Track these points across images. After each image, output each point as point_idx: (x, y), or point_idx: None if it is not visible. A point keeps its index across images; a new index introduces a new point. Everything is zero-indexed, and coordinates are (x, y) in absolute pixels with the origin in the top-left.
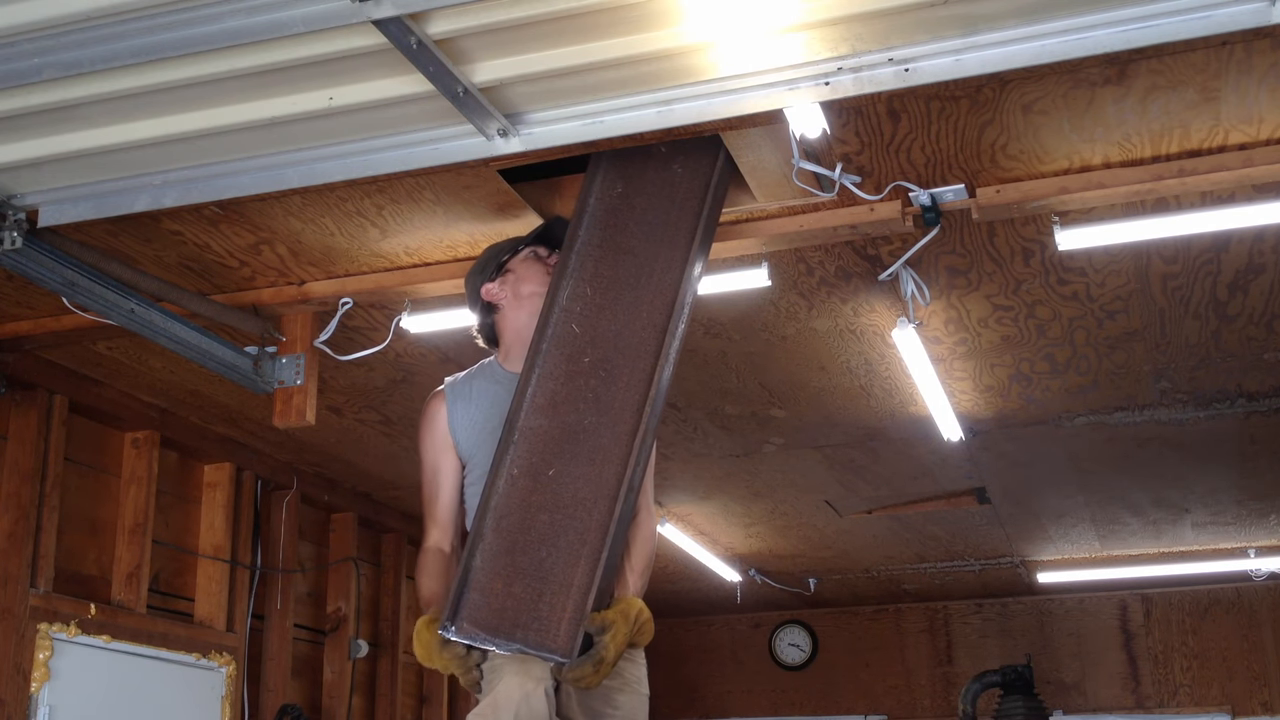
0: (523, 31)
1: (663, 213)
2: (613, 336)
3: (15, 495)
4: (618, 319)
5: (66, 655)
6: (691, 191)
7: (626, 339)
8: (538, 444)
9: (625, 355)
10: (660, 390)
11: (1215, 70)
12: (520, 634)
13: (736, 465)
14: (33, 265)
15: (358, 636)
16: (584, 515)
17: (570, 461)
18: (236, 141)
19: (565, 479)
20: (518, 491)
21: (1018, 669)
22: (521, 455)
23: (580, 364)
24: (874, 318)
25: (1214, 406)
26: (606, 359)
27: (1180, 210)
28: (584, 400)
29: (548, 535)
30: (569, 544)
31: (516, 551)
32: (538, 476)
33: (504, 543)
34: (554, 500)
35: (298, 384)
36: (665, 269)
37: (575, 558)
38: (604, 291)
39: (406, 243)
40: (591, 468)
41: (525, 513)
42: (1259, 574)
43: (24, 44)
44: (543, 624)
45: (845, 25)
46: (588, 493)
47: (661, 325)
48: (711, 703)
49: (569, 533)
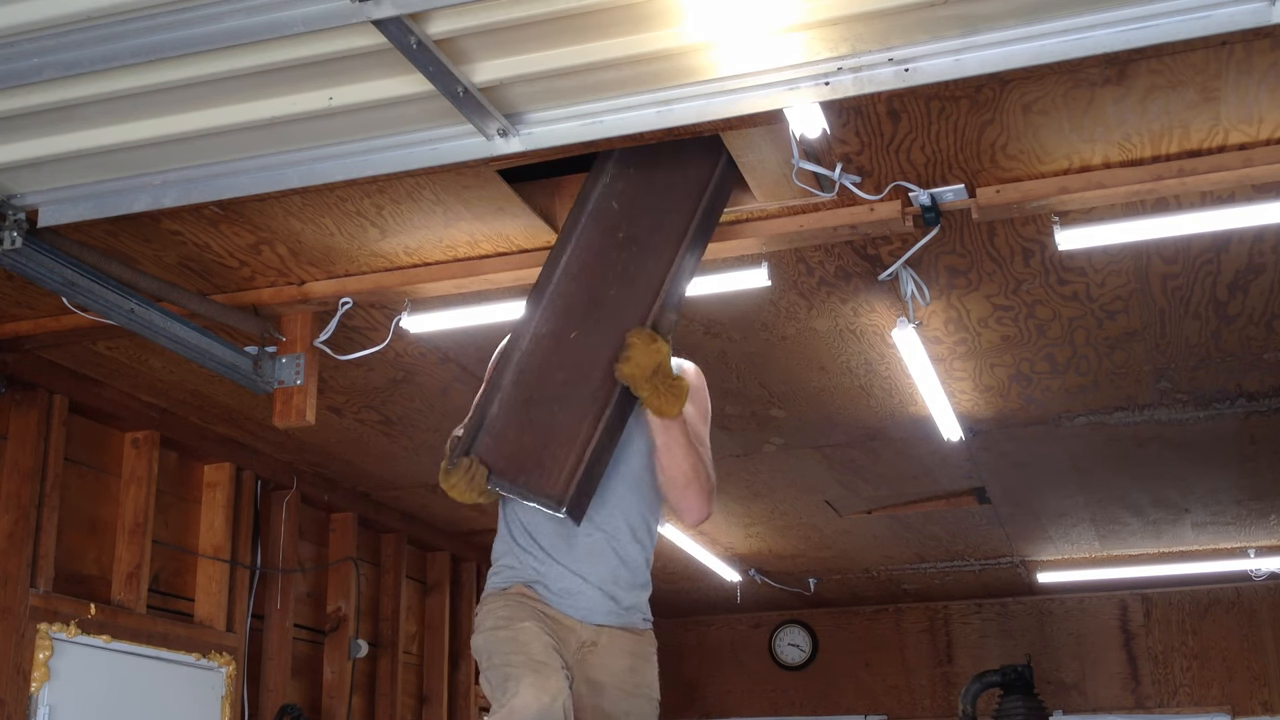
0: (523, 31)
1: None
2: (647, 213)
3: (15, 495)
4: (654, 195)
5: (66, 655)
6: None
7: (660, 217)
8: (565, 308)
9: (656, 234)
10: (681, 269)
11: (1215, 70)
12: (524, 479)
13: (736, 465)
14: (33, 265)
15: (358, 636)
16: (598, 377)
17: (593, 327)
18: (236, 141)
19: (585, 343)
20: (540, 350)
21: (1018, 669)
22: (549, 316)
23: (615, 238)
24: (874, 318)
25: (1214, 406)
26: (638, 236)
27: (1180, 210)
28: (613, 271)
29: (561, 393)
30: (579, 402)
31: (532, 405)
32: (560, 338)
33: (521, 395)
34: (573, 361)
35: (298, 384)
36: (695, 180)
37: (583, 415)
38: (646, 178)
39: (406, 243)
40: (610, 334)
41: (544, 370)
42: (1259, 574)
43: (24, 44)
44: (545, 472)
45: (845, 25)
46: (604, 357)
47: (691, 210)
48: (711, 703)
49: (581, 392)
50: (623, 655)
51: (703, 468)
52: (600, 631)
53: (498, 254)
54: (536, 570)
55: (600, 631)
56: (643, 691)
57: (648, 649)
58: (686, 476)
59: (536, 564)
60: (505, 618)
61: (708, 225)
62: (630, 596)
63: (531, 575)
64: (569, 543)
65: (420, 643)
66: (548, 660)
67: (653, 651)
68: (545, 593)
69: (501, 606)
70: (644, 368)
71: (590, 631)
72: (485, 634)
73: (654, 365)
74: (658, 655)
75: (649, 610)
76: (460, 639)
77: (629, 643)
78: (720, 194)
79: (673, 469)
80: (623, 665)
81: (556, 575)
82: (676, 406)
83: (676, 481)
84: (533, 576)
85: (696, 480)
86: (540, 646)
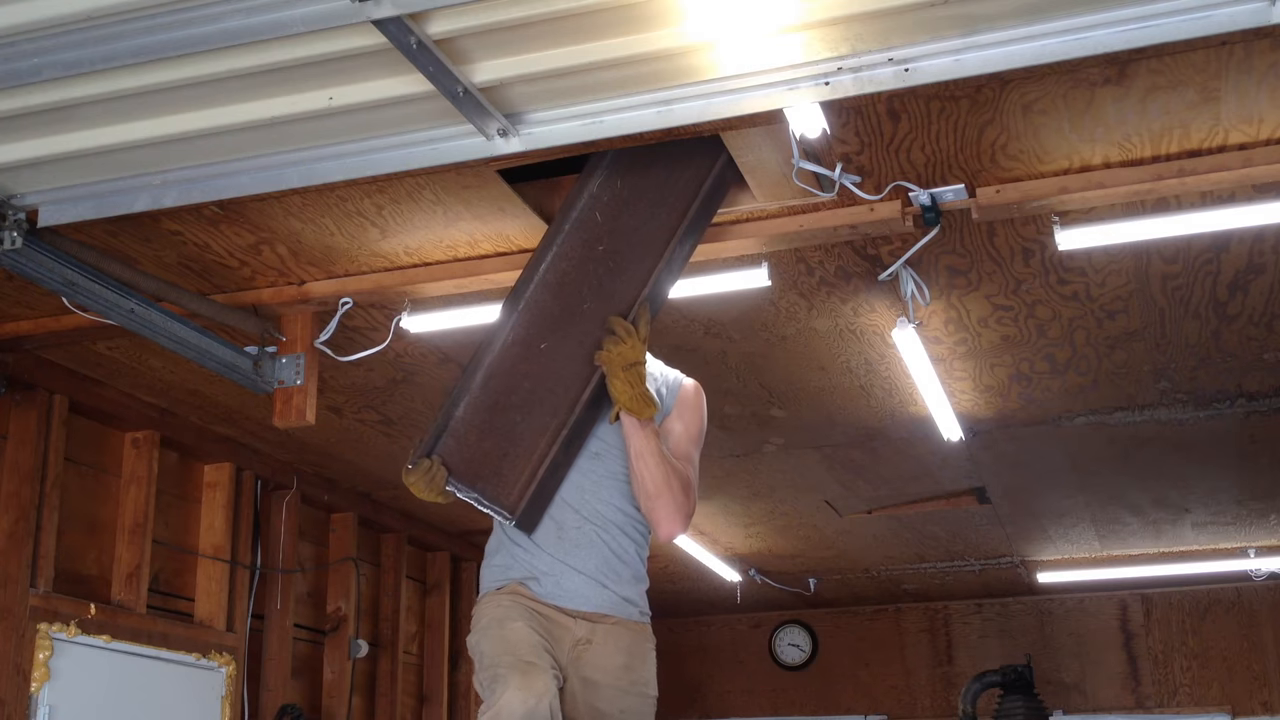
0: (523, 31)
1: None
2: (630, 227)
3: (15, 495)
4: (638, 216)
5: (66, 655)
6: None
7: (642, 231)
8: (538, 317)
9: (635, 251)
10: (656, 290)
11: (1215, 70)
12: (480, 485)
13: (736, 465)
14: (33, 265)
15: (358, 636)
16: (561, 392)
17: (562, 339)
18: (236, 141)
19: (553, 354)
20: (510, 357)
21: (1018, 669)
22: (522, 324)
23: (595, 250)
24: (874, 318)
25: (1214, 406)
26: (618, 251)
27: (1180, 210)
28: (589, 285)
29: (525, 403)
30: (541, 415)
31: (496, 410)
32: (530, 347)
33: (488, 400)
34: (539, 371)
35: (298, 384)
36: (681, 194)
37: (543, 429)
38: (632, 189)
39: (406, 243)
40: (579, 349)
41: (511, 378)
42: (1259, 574)
43: (24, 44)
44: (502, 481)
45: (845, 25)
46: (569, 371)
47: (674, 225)
48: (711, 703)
49: (544, 405)
50: (618, 653)
51: (675, 482)
52: (595, 628)
53: (498, 254)
54: (529, 564)
55: (595, 628)
56: (638, 689)
57: (644, 645)
58: (657, 486)
59: (528, 557)
60: (496, 618)
61: (692, 235)
62: (624, 588)
63: (524, 571)
64: (560, 535)
65: (420, 643)
66: (535, 660)
67: (650, 648)
68: (538, 587)
69: (494, 607)
70: (623, 358)
71: (585, 628)
72: (477, 634)
73: (631, 360)
74: (656, 655)
75: (646, 604)
76: (460, 639)
77: (625, 639)
78: (710, 202)
79: (643, 475)
80: (618, 663)
81: (547, 565)
82: (647, 410)
83: (646, 489)
84: (525, 572)
85: (668, 492)
86: (528, 647)
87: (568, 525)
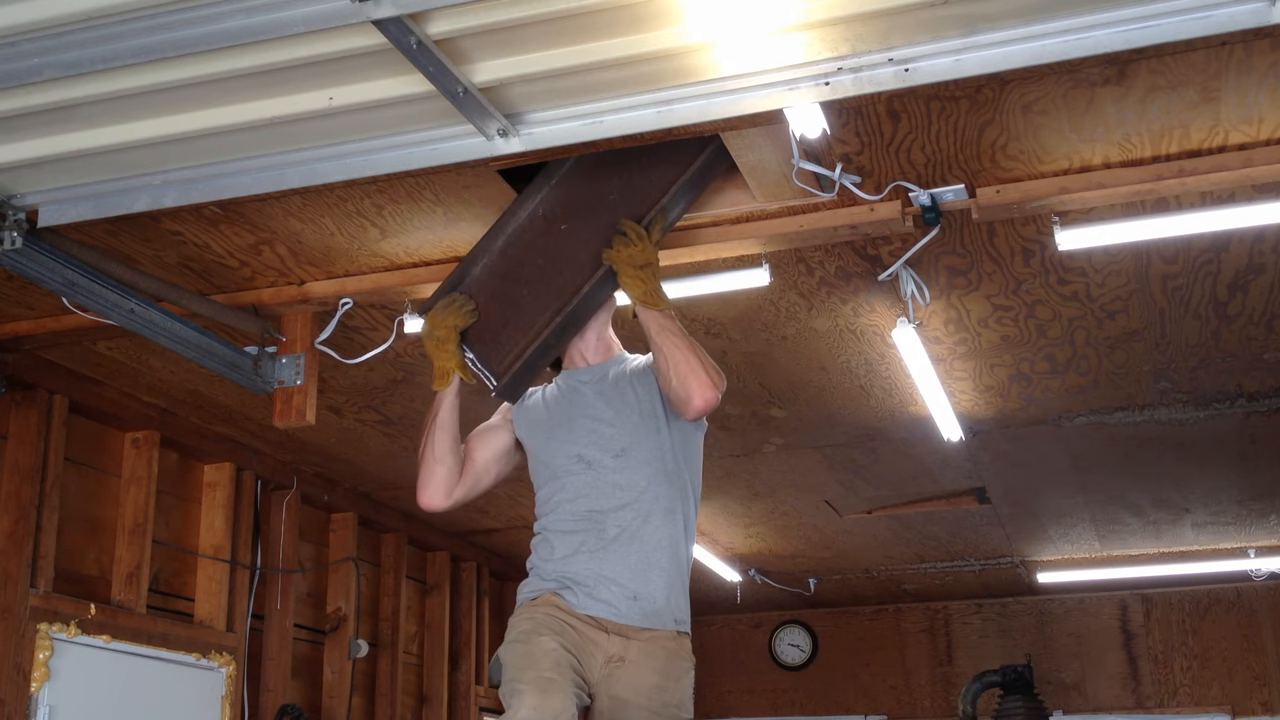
0: (523, 31)
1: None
2: (652, 163)
3: (15, 495)
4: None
5: (66, 655)
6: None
7: (672, 148)
8: (567, 198)
9: (664, 159)
10: (672, 204)
11: (1215, 70)
12: (477, 347)
13: (736, 465)
14: (33, 265)
15: (358, 636)
16: (569, 275)
17: (581, 224)
18: (236, 141)
19: (571, 237)
20: (533, 229)
21: (1018, 669)
22: (551, 200)
23: (627, 164)
24: (874, 318)
25: (1214, 406)
26: (651, 153)
27: (1180, 210)
28: (619, 177)
29: (535, 278)
30: (545, 293)
31: (507, 279)
32: (553, 223)
33: (503, 266)
34: (554, 250)
35: (298, 384)
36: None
37: (544, 307)
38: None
39: (406, 243)
40: (594, 238)
41: (529, 250)
42: (1259, 574)
43: (24, 44)
44: (498, 348)
45: (845, 25)
46: (582, 257)
47: (700, 150)
48: (711, 703)
49: (552, 284)
50: (652, 672)
51: (702, 354)
52: (629, 644)
53: None
54: (564, 572)
55: (629, 644)
56: (670, 711)
57: (681, 665)
58: (689, 363)
59: (564, 565)
60: (525, 631)
61: (713, 166)
62: (659, 595)
63: (558, 580)
64: (599, 539)
65: (420, 643)
66: (555, 677)
67: (688, 668)
68: (571, 598)
69: (525, 620)
70: (633, 259)
71: (619, 644)
72: (506, 646)
73: (643, 261)
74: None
75: (685, 615)
76: (460, 639)
77: (659, 658)
78: (717, 158)
79: (670, 352)
80: (650, 683)
81: (582, 573)
82: (663, 302)
83: (680, 369)
84: (558, 584)
85: (697, 362)
86: (550, 663)
87: (607, 528)
